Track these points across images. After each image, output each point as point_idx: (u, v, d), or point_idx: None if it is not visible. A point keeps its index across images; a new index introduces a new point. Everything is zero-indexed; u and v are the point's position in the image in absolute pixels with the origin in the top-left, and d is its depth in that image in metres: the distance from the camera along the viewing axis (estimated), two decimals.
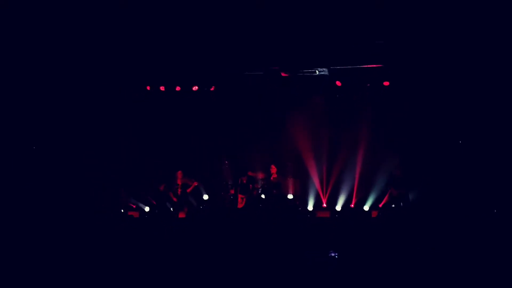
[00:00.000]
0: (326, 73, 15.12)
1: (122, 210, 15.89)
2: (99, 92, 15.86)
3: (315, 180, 16.62)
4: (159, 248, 10.16)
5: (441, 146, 15.47)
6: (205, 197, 16.47)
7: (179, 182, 16.08)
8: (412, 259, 8.57)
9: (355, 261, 8.35)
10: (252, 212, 15.16)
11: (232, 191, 15.97)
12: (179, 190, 16.00)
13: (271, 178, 15.94)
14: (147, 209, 15.87)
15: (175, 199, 15.92)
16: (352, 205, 16.32)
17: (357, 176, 16.41)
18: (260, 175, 16.38)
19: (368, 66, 14.79)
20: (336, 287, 7.85)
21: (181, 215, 15.43)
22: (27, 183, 14.83)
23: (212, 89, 16.21)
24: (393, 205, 14.98)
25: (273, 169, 15.99)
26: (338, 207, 16.28)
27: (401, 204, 14.50)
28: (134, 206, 16.47)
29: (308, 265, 8.47)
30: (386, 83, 15.42)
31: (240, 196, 15.71)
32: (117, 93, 16.20)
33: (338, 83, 15.53)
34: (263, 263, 8.63)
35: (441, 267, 8.29)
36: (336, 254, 8.44)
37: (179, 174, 16.08)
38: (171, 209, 15.74)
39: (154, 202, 15.87)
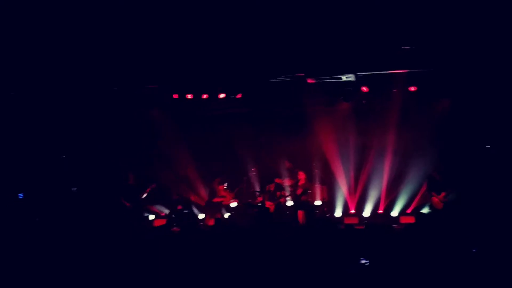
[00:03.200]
0: (353, 79, 15.07)
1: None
2: (132, 104, 16.08)
3: (343, 186, 16.59)
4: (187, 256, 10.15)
5: (471, 151, 15.39)
6: (233, 204, 16.53)
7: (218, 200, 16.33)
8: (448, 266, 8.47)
9: (387, 270, 8.29)
10: (279, 220, 15.19)
11: (260, 199, 16.00)
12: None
13: (299, 184, 15.94)
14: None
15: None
16: (381, 211, 16.28)
17: (385, 181, 16.36)
18: (287, 182, 16.39)
19: (395, 71, 14.70)
20: None
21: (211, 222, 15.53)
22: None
23: (238, 96, 16.20)
24: (422, 211, 14.95)
25: (301, 175, 15.99)
26: (366, 213, 16.24)
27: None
28: (162, 214, 16.62)
29: (338, 274, 8.43)
30: (412, 88, 15.32)
31: (268, 203, 15.74)
32: (146, 102, 16.34)
33: (364, 88, 15.46)
34: (291, 272, 8.61)
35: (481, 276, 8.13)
36: (368, 261, 8.40)
37: (223, 187, 16.35)
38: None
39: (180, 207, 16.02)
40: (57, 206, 14.97)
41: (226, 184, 16.65)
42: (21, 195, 15.56)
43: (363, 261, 8.39)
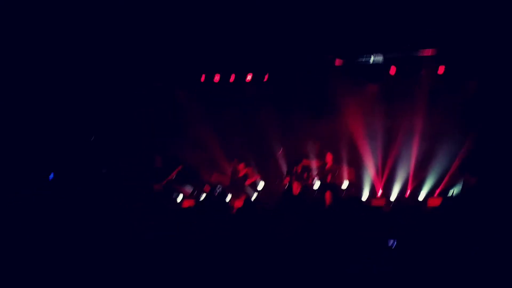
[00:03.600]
0: (381, 60, 14.96)
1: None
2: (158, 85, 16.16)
3: (370, 168, 16.54)
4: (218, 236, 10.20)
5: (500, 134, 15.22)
6: (260, 185, 16.61)
7: (241, 175, 16.34)
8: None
9: (414, 252, 8.28)
10: (306, 201, 15.21)
11: (287, 180, 16.03)
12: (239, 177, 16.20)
13: (327, 166, 15.91)
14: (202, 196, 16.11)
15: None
16: (408, 194, 16.21)
17: (412, 163, 16.26)
18: (314, 163, 16.38)
19: (423, 54, 14.55)
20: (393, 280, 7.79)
21: (238, 204, 15.58)
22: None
23: (266, 77, 16.13)
24: (451, 193, 14.88)
25: (329, 157, 15.94)
26: (394, 196, 16.19)
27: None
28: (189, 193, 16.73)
29: (362, 258, 8.41)
30: (441, 70, 15.13)
31: (295, 184, 15.77)
32: (174, 81, 16.42)
33: (392, 70, 15.31)
34: (317, 253, 8.62)
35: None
36: (394, 241, 8.40)
37: (242, 166, 16.30)
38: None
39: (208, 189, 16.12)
40: (87, 187, 15.11)
41: (245, 163, 16.60)
42: (51, 176, 15.82)
43: (390, 243, 8.40)
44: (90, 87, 15.83)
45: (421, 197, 16.00)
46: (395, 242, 8.41)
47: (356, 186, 16.52)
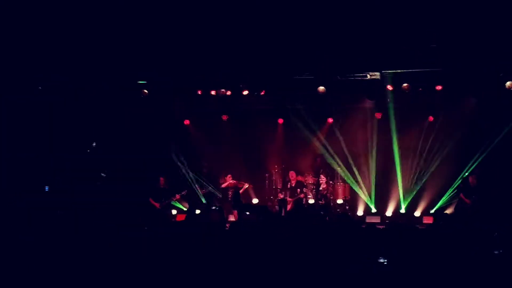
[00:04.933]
0: (378, 77, 14.90)
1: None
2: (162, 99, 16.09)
3: (365, 185, 16.49)
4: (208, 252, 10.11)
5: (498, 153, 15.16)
6: (255, 200, 16.53)
7: (225, 186, 16.21)
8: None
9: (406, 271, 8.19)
10: (297, 216, 15.14)
11: (281, 195, 15.98)
12: (230, 192, 16.07)
13: (321, 188, 15.92)
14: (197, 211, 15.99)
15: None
16: (403, 210, 16.14)
17: (408, 180, 16.22)
18: (309, 180, 16.31)
19: (421, 70, 14.50)
20: None
21: (231, 218, 15.51)
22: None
23: (262, 93, 16.05)
24: (447, 211, 14.83)
25: (323, 179, 16.00)
26: (388, 213, 16.14)
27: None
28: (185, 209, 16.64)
29: (354, 274, 8.32)
30: (438, 87, 15.08)
31: (288, 200, 15.75)
32: (174, 97, 16.37)
33: (389, 87, 15.27)
34: (305, 271, 8.53)
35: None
36: (386, 260, 8.30)
37: (229, 177, 16.16)
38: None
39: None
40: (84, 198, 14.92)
41: (232, 175, 16.50)
42: (46, 188, 15.71)
43: (381, 260, 8.31)
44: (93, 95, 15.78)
45: (416, 214, 15.97)
46: (386, 260, 8.33)
47: (351, 203, 16.48)
